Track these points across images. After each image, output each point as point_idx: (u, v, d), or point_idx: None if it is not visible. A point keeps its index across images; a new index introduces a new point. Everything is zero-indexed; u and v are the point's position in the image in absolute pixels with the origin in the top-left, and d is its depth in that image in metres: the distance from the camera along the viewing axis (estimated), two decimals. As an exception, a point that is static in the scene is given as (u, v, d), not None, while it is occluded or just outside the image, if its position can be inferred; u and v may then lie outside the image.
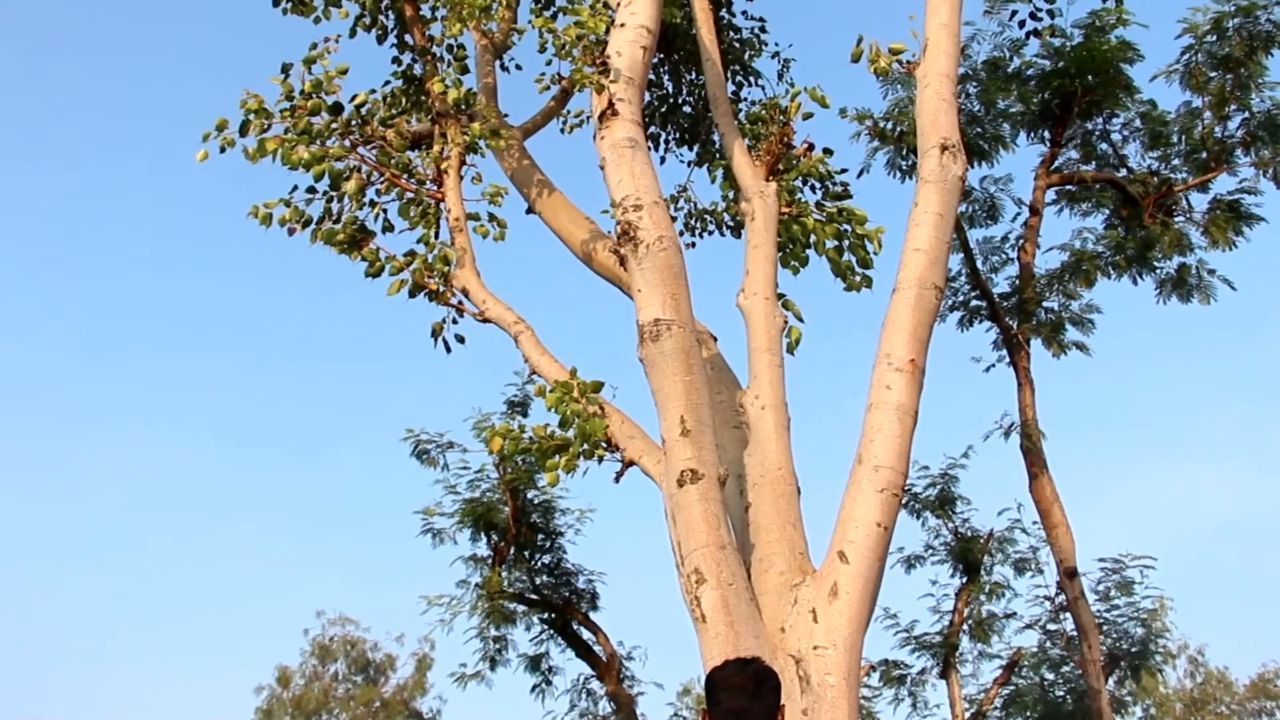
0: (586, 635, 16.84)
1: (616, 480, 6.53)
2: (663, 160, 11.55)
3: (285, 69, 8.27)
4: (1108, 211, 16.47)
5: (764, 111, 8.17)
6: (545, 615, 16.90)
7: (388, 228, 8.50)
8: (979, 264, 16.47)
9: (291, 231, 8.32)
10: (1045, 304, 16.16)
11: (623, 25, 6.89)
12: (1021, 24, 13.32)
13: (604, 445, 6.53)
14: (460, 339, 8.29)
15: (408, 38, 9.83)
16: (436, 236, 8.48)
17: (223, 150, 8.05)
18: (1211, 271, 15.91)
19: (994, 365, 16.23)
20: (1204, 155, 15.65)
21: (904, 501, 7.25)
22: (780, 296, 7.19)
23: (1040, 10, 12.94)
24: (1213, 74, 15.18)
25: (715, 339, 7.63)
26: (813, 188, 8.21)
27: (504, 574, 16.36)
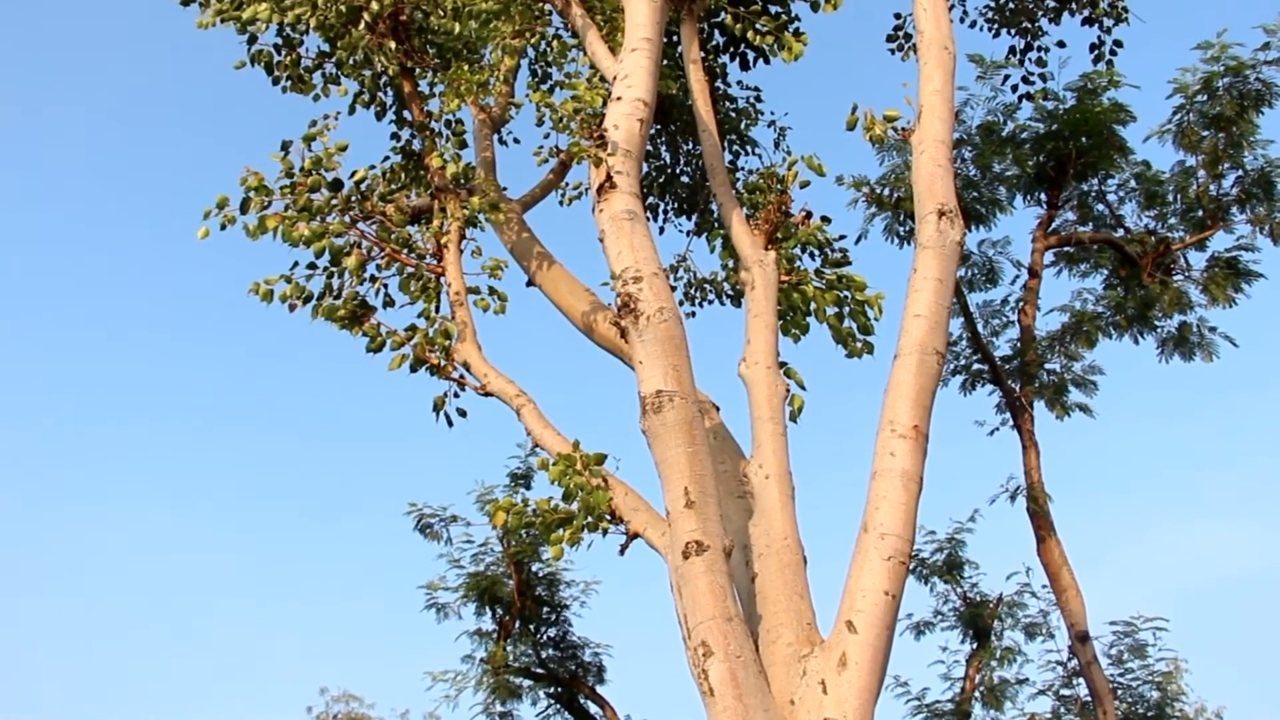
0: (594, 709, 16.62)
1: (621, 553, 6.48)
2: (661, 230, 11.64)
3: (285, 146, 8.34)
4: (1106, 272, 16.51)
5: (761, 180, 8.21)
6: (552, 689, 16.70)
7: (388, 303, 8.52)
8: (979, 328, 16.47)
9: (292, 308, 8.33)
10: (1047, 366, 16.13)
11: (619, 99, 6.94)
12: (1014, 88, 13.56)
13: (608, 518, 6.48)
14: (462, 413, 8.27)
15: (406, 114, 9.93)
16: (437, 311, 8.51)
17: (223, 227, 8.10)
18: (1213, 329, 15.92)
19: (998, 428, 16.17)
20: (1200, 213, 15.72)
21: (911, 567, 7.19)
22: (782, 365, 7.18)
23: (1032, 74, 13.15)
24: (1205, 133, 15.29)
25: (718, 408, 7.61)
26: (811, 255, 8.23)
27: (509, 648, 16.20)
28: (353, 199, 8.50)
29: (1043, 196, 16.22)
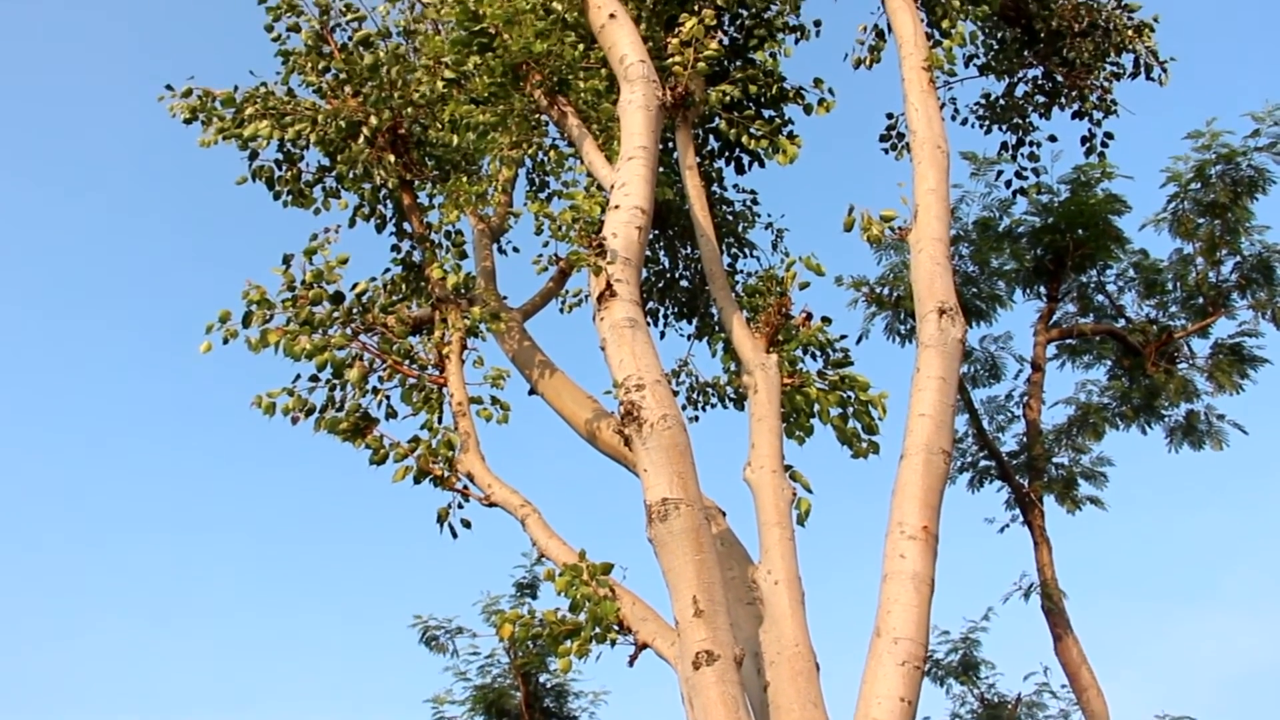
0: (606, 822, 16.24)
1: (630, 664, 6.37)
2: (662, 335, 11.66)
3: (286, 260, 8.39)
4: (1110, 362, 16.46)
5: (761, 283, 8.23)
6: (562, 802, 16.35)
7: (391, 414, 8.50)
8: (985, 424, 16.38)
9: (295, 421, 8.31)
10: (1055, 460, 15.99)
11: (617, 207, 6.98)
12: (1008, 183, 13.68)
13: (616, 628, 6.38)
14: (466, 523, 8.20)
15: (406, 225, 10.02)
16: (440, 421, 8.48)
17: (226, 341, 8.10)
18: (1221, 417, 15.79)
19: (1008, 525, 15.97)
20: (1201, 301, 15.74)
21: (926, 669, 7.06)
22: (787, 468, 7.12)
23: (1025, 169, 13.27)
24: (1201, 220, 15.38)
25: (724, 514, 7.54)
26: (813, 356, 8.22)
27: (520, 762, 15.89)
28: (354, 311, 8.53)
29: (1042, 290, 16.28)
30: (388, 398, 8.53)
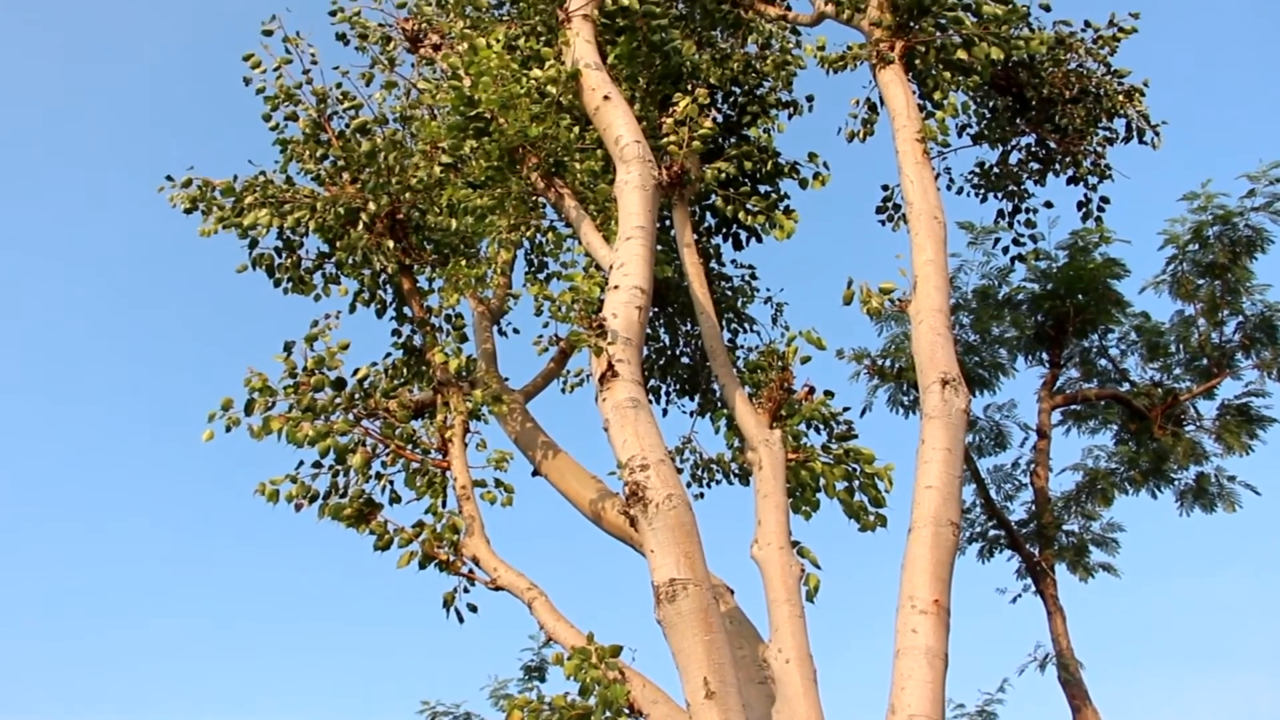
0: None
1: (642, 749, 6.26)
2: (665, 412, 11.62)
3: (288, 347, 8.41)
4: (1116, 427, 16.41)
5: (762, 359, 8.22)
6: None
7: (395, 499, 8.48)
8: (993, 493, 16.28)
9: (299, 508, 8.29)
10: (1065, 528, 15.88)
11: (616, 287, 6.99)
12: (1005, 250, 13.65)
13: (627, 712, 6.29)
14: (473, 608, 8.15)
15: (406, 310, 10.04)
16: (444, 505, 8.45)
17: (228, 429, 8.10)
18: (1231, 478, 15.70)
19: (1020, 595, 15.81)
20: (1205, 362, 15.72)
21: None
22: (795, 544, 7.05)
23: (1023, 236, 13.24)
24: (1201, 281, 15.40)
25: (732, 591, 7.46)
26: (817, 430, 8.18)
27: None
28: (356, 397, 8.54)
29: (1044, 356, 16.27)
30: (391, 483, 8.51)
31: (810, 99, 10.42)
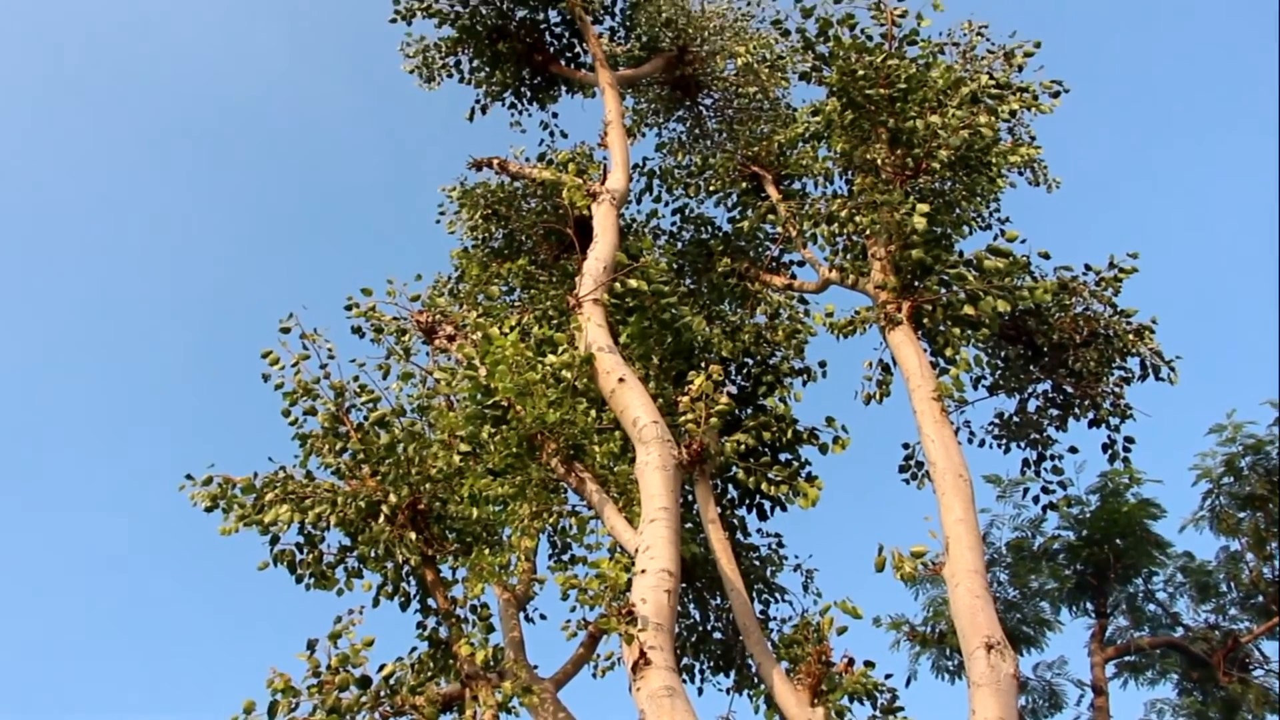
0: None
1: None
2: (700, 691, 11.22)
3: (311, 645, 8.23)
4: (1177, 676, 15.69)
5: (797, 632, 7.95)
6: None
7: (425, 800, 8.06)
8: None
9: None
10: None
11: (644, 571, 6.85)
12: (1035, 499, 13.40)
13: None
14: None
15: (431, 601, 9.85)
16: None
17: (254, 739, 7.80)
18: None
19: None
20: (1260, 599, 15.17)
21: None
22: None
23: (1051, 483, 12.99)
24: (1242, 515, 15.08)
25: None
26: (861, 702, 7.83)
27: None
28: (382, 695, 8.29)
29: (1089, 606, 15.77)
30: (421, 783, 8.12)
31: (823, 364, 10.52)
